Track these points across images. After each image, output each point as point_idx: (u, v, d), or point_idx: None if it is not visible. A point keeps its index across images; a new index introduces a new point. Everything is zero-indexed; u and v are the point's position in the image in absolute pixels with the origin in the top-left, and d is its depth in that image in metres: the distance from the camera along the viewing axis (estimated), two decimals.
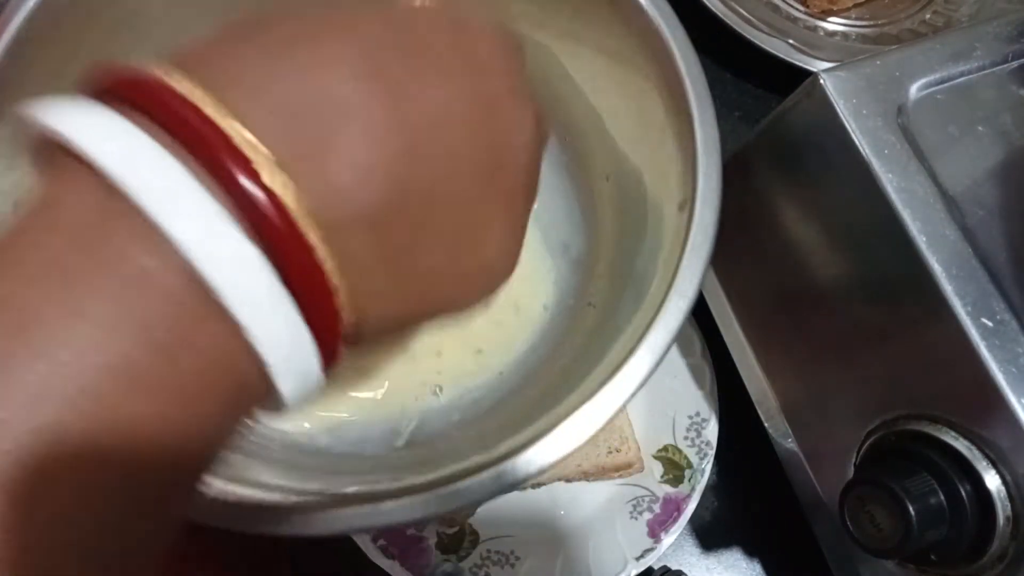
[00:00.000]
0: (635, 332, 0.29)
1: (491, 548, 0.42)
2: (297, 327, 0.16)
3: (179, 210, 0.14)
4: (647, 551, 0.41)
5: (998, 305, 0.28)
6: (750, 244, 0.39)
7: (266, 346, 0.15)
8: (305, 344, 0.16)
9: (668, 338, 0.28)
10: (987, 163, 0.31)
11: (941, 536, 0.28)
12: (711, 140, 0.31)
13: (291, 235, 0.15)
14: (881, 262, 0.31)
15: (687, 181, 0.31)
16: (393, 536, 0.41)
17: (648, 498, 0.43)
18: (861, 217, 0.31)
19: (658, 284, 0.30)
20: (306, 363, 0.16)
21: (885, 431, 0.31)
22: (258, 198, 0.15)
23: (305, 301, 0.16)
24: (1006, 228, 0.30)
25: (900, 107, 0.31)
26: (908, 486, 0.27)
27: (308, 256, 0.16)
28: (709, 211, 0.30)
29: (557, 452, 0.27)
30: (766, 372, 0.39)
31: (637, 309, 0.30)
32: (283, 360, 0.16)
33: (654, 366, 0.28)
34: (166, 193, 0.14)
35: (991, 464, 0.27)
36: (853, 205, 0.32)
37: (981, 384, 0.27)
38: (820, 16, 0.56)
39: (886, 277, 0.31)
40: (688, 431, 0.44)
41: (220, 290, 0.15)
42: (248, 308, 0.15)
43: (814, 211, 0.34)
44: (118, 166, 0.14)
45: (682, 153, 0.32)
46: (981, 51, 0.32)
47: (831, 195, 0.33)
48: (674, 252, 0.30)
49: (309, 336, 0.16)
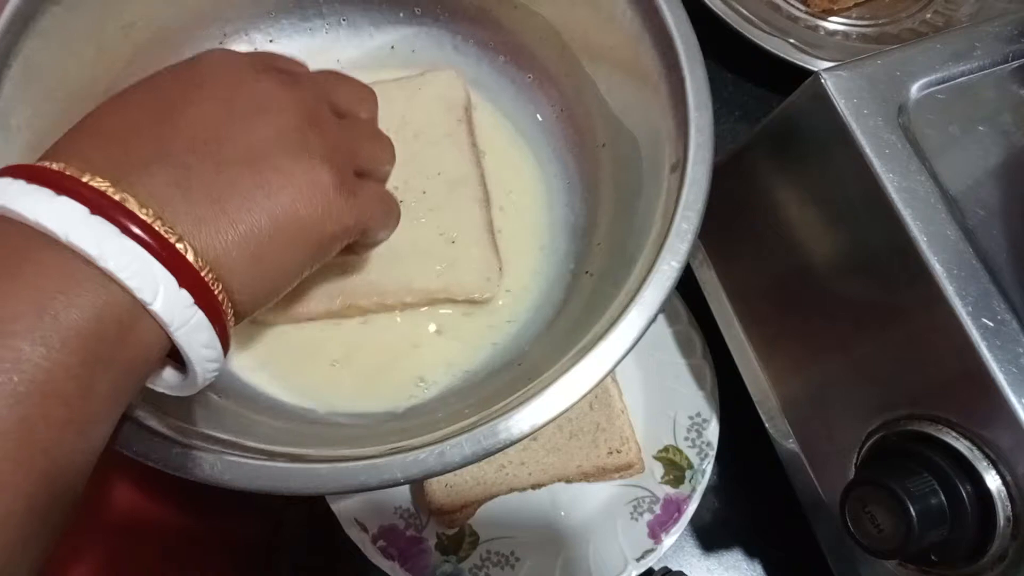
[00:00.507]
0: (628, 294, 0.29)
1: (491, 549, 0.42)
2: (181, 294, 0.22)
3: (93, 234, 0.20)
4: (648, 552, 0.41)
5: (999, 305, 0.28)
6: (751, 244, 0.39)
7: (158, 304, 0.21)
8: (192, 306, 0.22)
9: (661, 296, 0.29)
10: (988, 163, 0.31)
11: (942, 536, 0.28)
12: (703, 98, 0.32)
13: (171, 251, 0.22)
14: (882, 262, 0.31)
15: (680, 141, 0.32)
16: (393, 537, 0.41)
17: (649, 499, 0.43)
18: (862, 217, 0.31)
19: (652, 245, 0.31)
20: (203, 329, 0.22)
21: (886, 431, 0.31)
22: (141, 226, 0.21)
23: (191, 288, 0.22)
24: (1007, 228, 0.29)
25: (901, 107, 0.31)
26: (909, 486, 0.27)
27: (183, 260, 0.22)
28: (702, 168, 0.31)
29: (549, 412, 0.27)
30: (767, 372, 0.39)
31: (631, 272, 0.31)
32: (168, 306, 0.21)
33: (647, 324, 0.28)
34: (77, 224, 0.20)
35: (992, 464, 0.27)
36: (854, 205, 0.32)
37: (981, 384, 0.27)
38: (821, 15, 0.56)
39: (887, 277, 0.31)
40: (689, 432, 0.44)
41: (118, 271, 0.20)
42: (147, 289, 0.21)
43: (814, 211, 0.34)
44: (47, 220, 0.20)
45: (674, 111, 0.33)
46: (982, 51, 0.32)
47: (832, 195, 0.33)
48: (668, 212, 0.31)
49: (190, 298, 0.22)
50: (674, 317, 0.46)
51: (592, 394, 0.42)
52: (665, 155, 0.33)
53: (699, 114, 0.32)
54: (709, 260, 0.42)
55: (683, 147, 0.32)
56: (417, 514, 0.42)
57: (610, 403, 0.43)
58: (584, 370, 0.28)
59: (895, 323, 0.31)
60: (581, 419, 0.42)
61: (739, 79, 0.56)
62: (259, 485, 0.26)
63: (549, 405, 0.27)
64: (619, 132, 0.38)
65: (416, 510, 0.43)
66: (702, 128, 0.32)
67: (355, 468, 0.27)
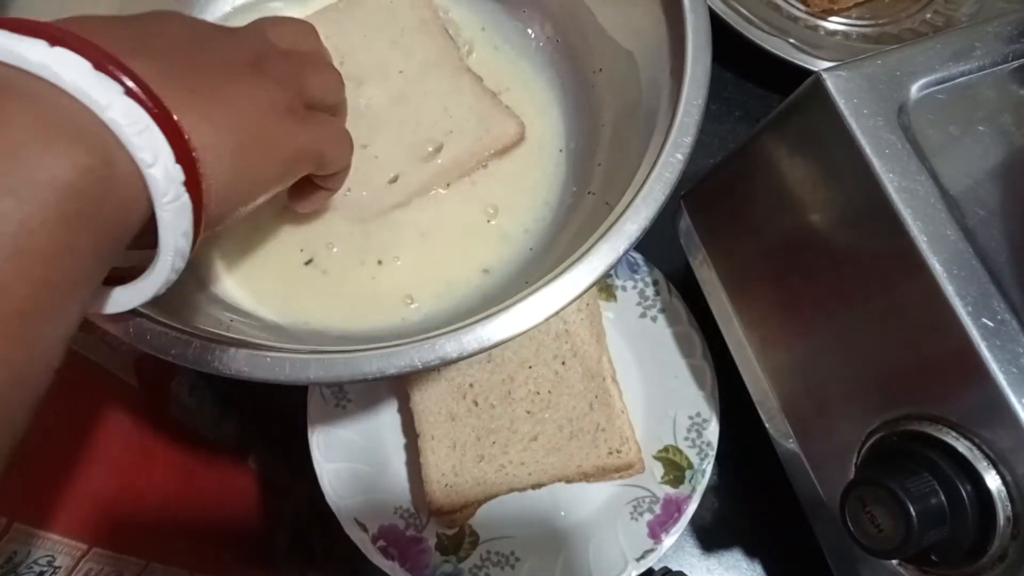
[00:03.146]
0: (634, 189, 0.30)
1: (491, 549, 0.42)
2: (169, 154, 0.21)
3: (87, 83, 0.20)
4: (648, 552, 0.41)
5: (999, 305, 0.28)
6: (751, 244, 0.39)
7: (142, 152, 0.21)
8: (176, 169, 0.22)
9: (667, 188, 0.30)
10: (988, 163, 0.31)
11: (942, 536, 0.28)
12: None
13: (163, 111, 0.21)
14: (882, 262, 0.31)
15: (676, 46, 0.33)
16: (393, 537, 0.41)
17: (649, 499, 0.43)
18: (862, 217, 0.31)
19: (655, 146, 0.32)
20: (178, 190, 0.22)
21: (886, 431, 0.31)
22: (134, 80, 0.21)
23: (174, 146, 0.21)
24: (1007, 228, 0.29)
25: (901, 106, 0.31)
26: (909, 486, 0.27)
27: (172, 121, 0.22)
28: (701, 68, 0.32)
29: (540, 314, 0.28)
30: (767, 372, 0.39)
31: (633, 178, 0.32)
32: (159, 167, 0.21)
33: (657, 210, 0.30)
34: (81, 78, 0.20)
35: (991, 464, 0.27)
36: (854, 205, 0.32)
37: (981, 384, 0.27)
38: (821, 15, 0.56)
39: (887, 277, 0.31)
40: (689, 432, 0.44)
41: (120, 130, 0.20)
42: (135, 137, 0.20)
43: (815, 210, 0.34)
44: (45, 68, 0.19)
45: (667, 17, 0.34)
46: (982, 51, 0.32)
47: (832, 194, 0.33)
48: (669, 113, 0.32)
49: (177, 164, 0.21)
50: (674, 317, 0.46)
51: (592, 393, 0.43)
52: (662, 63, 0.34)
53: (695, 16, 0.33)
54: (709, 260, 0.41)
55: (680, 51, 0.33)
56: (417, 514, 0.43)
57: (610, 403, 0.43)
58: (606, 246, 0.29)
59: (895, 323, 0.31)
60: (581, 419, 0.42)
61: (739, 79, 0.56)
62: (280, 376, 0.27)
63: (576, 281, 0.28)
64: (615, 53, 0.39)
65: (416, 510, 0.43)
66: (698, 29, 0.33)
67: (371, 355, 0.27)
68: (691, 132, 0.31)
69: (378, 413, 0.45)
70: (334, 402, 0.44)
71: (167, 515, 0.41)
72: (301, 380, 0.27)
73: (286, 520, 0.46)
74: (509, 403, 0.43)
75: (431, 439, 0.42)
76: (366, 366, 0.27)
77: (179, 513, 0.42)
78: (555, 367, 0.43)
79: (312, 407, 0.44)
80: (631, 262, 0.48)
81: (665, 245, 0.45)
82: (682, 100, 0.31)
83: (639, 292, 0.47)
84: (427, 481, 0.41)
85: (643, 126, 0.34)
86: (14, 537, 0.29)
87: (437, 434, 0.42)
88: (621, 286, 0.47)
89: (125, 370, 0.39)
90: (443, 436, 0.42)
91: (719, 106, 0.55)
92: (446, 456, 0.42)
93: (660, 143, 0.31)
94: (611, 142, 0.39)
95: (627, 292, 0.47)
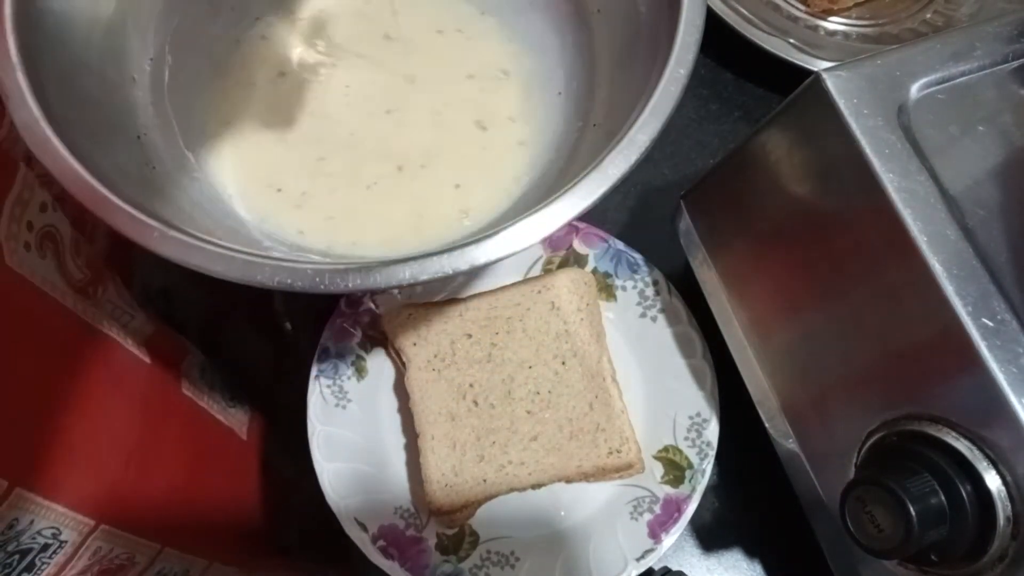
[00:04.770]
0: (639, 109, 0.32)
1: (491, 549, 0.42)
2: None
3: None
4: (647, 552, 0.41)
5: (999, 305, 0.28)
6: (751, 244, 0.39)
7: None
8: None
9: (672, 101, 0.31)
10: (988, 163, 0.31)
11: (942, 536, 0.28)
12: None
13: None
14: (882, 262, 0.31)
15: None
16: (393, 537, 0.41)
17: (648, 499, 0.43)
18: (862, 217, 0.31)
19: (658, 67, 0.33)
20: None
21: (886, 431, 0.31)
22: None
23: None
24: (1007, 228, 0.29)
25: (901, 106, 0.31)
26: (909, 486, 0.27)
27: None
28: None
29: (566, 215, 0.30)
30: (767, 372, 0.39)
31: (638, 101, 0.33)
32: None
33: (666, 116, 0.31)
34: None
35: (991, 464, 0.27)
36: (854, 204, 0.32)
37: (981, 384, 0.27)
38: (821, 15, 0.56)
39: (886, 277, 0.31)
40: (689, 431, 0.44)
41: None
42: None
43: (815, 210, 0.34)
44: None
45: None
46: (981, 51, 0.32)
47: (832, 194, 0.33)
48: (670, 34, 0.33)
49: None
50: (674, 317, 0.46)
51: (592, 393, 0.43)
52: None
53: None
54: (709, 260, 0.41)
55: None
56: (417, 514, 0.43)
57: (610, 403, 0.43)
58: (618, 152, 0.30)
59: (895, 323, 0.31)
60: (581, 419, 0.42)
61: (739, 79, 0.56)
62: (320, 286, 0.28)
63: (591, 190, 0.30)
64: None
65: (416, 510, 0.43)
66: None
67: (403, 265, 0.28)
68: (692, 50, 0.32)
69: (378, 413, 0.45)
70: (334, 402, 0.44)
71: (176, 496, 0.40)
72: (340, 288, 0.28)
73: (294, 514, 0.46)
74: (509, 403, 0.43)
75: (431, 439, 0.42)
76: (400, 273, 0.28)
77: (188, 495, 0.41)
78: (555, 367, 0.43)
79: (312, 407, 0.44)
80: (631, 262, 0.47)
81: (665, 245, 0.45)
82: (681, 20, 0.33)
83: (639, 292, 0.47)
84: (427, 481, 0.41)
85: (645, 54, 0.35)
86: (15, 503, 0.28)
87: (437, 434, 0.42)
88: (621, 286, 0.47)
89: (137, 344, 0.39)
90: (443, 436, 0.42)
91: (719, 106, 0.55)
92: (446, 456, 0.42)
93: (662, 66, 0.32)
94: (612, 76, 0.40)
95: (627, 292, 0.47)
